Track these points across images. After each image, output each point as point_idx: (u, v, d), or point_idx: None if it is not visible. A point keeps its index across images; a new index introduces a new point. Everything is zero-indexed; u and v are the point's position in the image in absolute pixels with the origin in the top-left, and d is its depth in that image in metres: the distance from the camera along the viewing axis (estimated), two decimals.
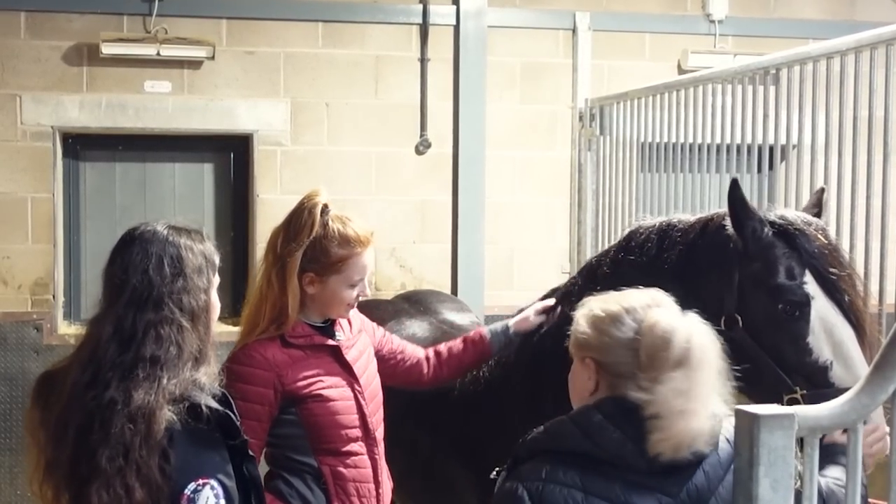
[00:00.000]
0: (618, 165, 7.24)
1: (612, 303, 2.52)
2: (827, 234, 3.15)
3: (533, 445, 2.46)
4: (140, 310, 2.51)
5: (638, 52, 8.01)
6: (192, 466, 2.42)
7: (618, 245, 3.61)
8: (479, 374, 4.01)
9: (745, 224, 3.13)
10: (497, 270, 7.74)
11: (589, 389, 2.50)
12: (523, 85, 7.78)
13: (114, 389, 2.42)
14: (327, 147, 7.42)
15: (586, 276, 3.73)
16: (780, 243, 3.11)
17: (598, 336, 2.48)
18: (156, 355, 2.46)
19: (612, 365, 2.45)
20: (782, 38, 7.97)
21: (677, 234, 3.38)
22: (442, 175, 7.63)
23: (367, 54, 7.47)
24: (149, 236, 2.61)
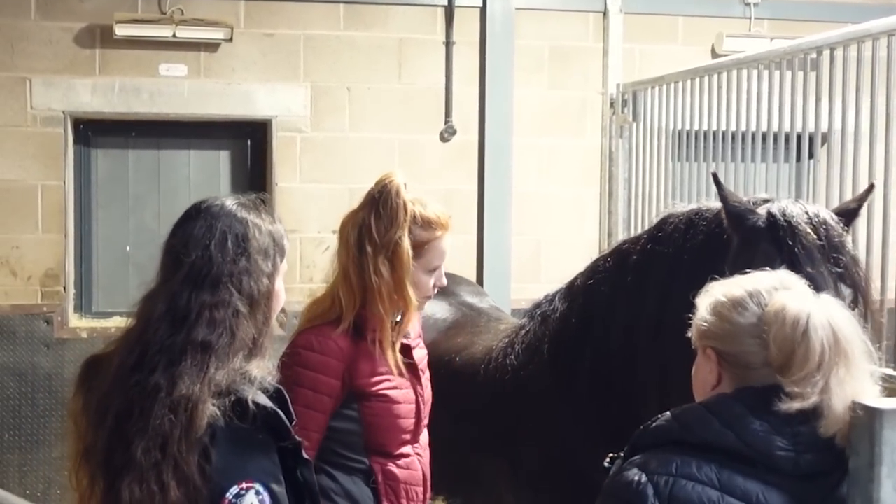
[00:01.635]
0: (651, 153, 6.97)
1: (735, 286, 2.30)
2: (828, 229, 2.97)
3: (658, 434, 2.23)
4: (196, 288, 2.34)
5: (670, 36, 7.78)
6: (234, 468, 2.25)
7: (649, 233, 3.51)
8: (506, 361, 3.89)
9: (735, 216, 3.04)
10: (524, 263, 7.51)
11: (711, 383, 2.28)
12: (552, 69, 7.55)
13: (159, 374, 2.26)
14: (349, 133, 7.21)
15: (616, 260, 3.62)
16: (768, 237, 2.99)
17: (719, 323, 2.26)
18: (207, 340, 2.29)
19: (737, 355, 2.23)
20: (819, 21, 7.72)
21: (702, 224, 3.27)
22: (467, 163, 7.41)
23: (390, 37, 7.25)
24: (216, 210, 2.44)
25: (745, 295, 2.24)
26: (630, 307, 3.46)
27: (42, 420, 6.85)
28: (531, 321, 3.93)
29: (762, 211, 3.06)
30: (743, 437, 2.12)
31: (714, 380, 2.26)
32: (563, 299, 3.83)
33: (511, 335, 3.98)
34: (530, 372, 3.76)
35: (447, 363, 4.20)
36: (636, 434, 2.30)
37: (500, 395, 3.86)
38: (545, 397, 3.67)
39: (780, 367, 2.15)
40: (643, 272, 3.43)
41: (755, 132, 5.74)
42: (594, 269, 3.74)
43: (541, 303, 3.98)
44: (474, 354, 4.13)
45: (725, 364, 2.24)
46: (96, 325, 6.97)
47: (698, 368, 2.34)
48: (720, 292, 2.29)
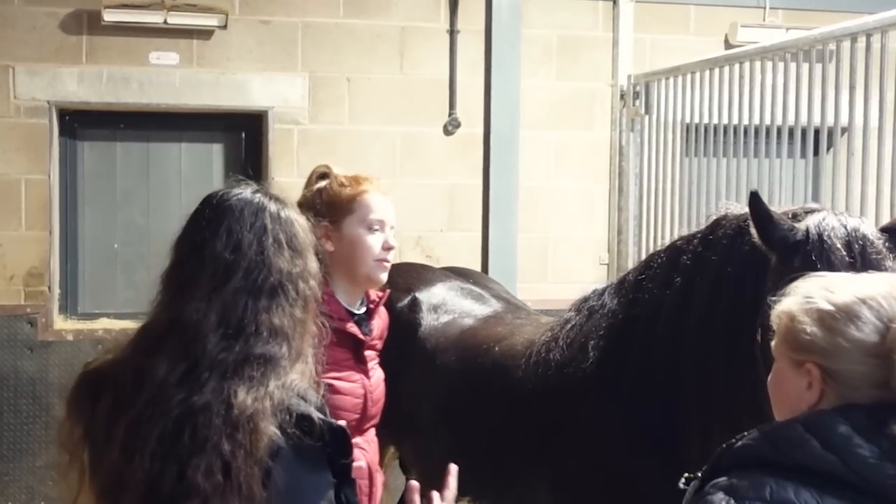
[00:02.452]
0: (664, 147, 6.70)
1: (842, 292, 1.99)
2: (866, 245, 2.76)
3: (745, 454, 1.96)
4: (253, 296, 2.17)
5: (682, 26, 7.52)
6: (297, 490, 2.10)
7: (702, 234, 3.28)
8: (549, 356, 3.67)
9: (769, 234, 2.84)
10: (530, 261, 7.23)
11: (808, 402, 1.98)
12: (560, 60, 7.27)
13: (211, 391, 2.08)
14: (348, 126, 6.93)
15: (669, 257, 3.40)
16: (799, 253, 2.79)
17: (828, 337, 1.95)
18: (269, 353, 2.14)
19: (847, 374, 1.94)
20: (835, 11, 7.52)
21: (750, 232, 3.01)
22: (472, 157, 7.12)
23: (391, 25, 6.97)
24: (257, 206, 2.26)
25: (859, 304, 1.94)
26: (677, 311, 3.26)
27: (25, 427, 6.53)
28: (578, 315, 3.70)
29: (801, 225, 2.85)
30: (849, 462, 1.84)
31: (813, 398, 1.97)
32: (612, 294, 3.60)
33: (555, 329, 3.75)
34: (574, 369, 3.54)
35: (486, 352, 4.00)
36: (718, 453, 2.03)
37: (542, 392, 3.65)
38: (589, 397, 3.48)
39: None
40: (691, 277, 3.23)
41: (770, 126, 5.53)
42: (648, 264, 3.52)
43: (589, 297, 3.75)
44: (514, 346, 3.92)
45: (832, 382, 1.95)
46: (83, 326, 6.70)
47: (786, 384, 2.04)
48: (824, 299, 1.98)
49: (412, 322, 4.38)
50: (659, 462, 3.25)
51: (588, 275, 7.27)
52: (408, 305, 4.45)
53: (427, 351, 4.26)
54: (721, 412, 3.13)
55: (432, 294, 4.50)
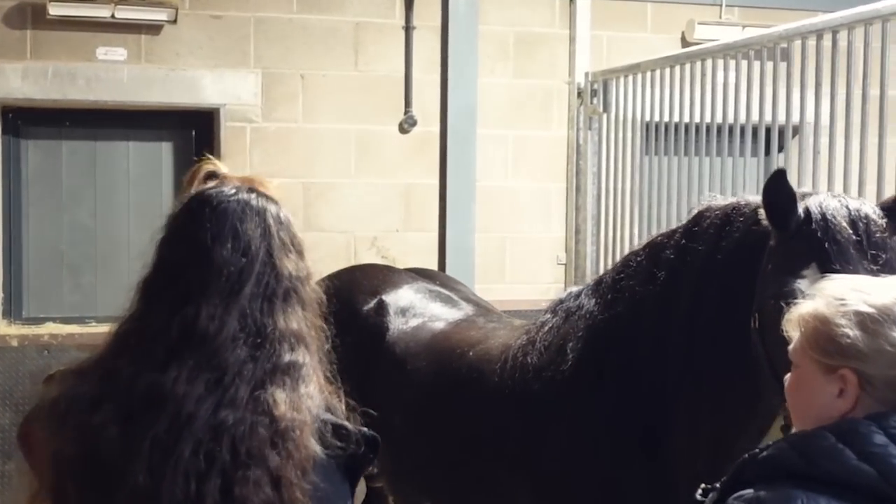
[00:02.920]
0: (622, 146, 6.62)
1: (878, 294, 1.89)
2: (869, 224, 2.74)
3: (773, 465, 1.86)
4: (270, 302, 2.08)
5: (639, 23, 7.51)
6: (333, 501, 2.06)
7: (684, 227, 3.26)
8: (526, 360, 3.58)
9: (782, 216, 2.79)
10: (488, 261, 7.14)
11: (841, 410, 1.88)
12: (517, 57, 7.22)
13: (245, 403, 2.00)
14: (302, 124, 6.81)
15: (649, 255, 3.36)
16: (802, 236, 2.78)
17: (871, 341, 1.86)
18: (295, 361, 2.06)
19: (890, 381, 1.85)
20: (790, 9, 7.57)
21: (739, 221, 3.04)
22: (428, 156, 7.00)
23: (346, 21, 6.87)
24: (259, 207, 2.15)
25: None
26: (661, 306, 3.21)
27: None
28: (554, 317, 3.62)
29: (801, 206, 2.81)
30: (886, 474, 1.75)
31: (847, 406, 1.88)
32: (590, 295, 3.52)
33: (531, 332, 3.66)
34: (553, 373, 3.46)
35: (460, 357, 3.88)
36: (740, 463, 1.94)
37: (520, 397, 3.56)
38: (570, 400, 3.40)
39: None
40: (676, 270, 3.18)
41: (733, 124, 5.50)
42: (625, 263, 3.46)
43: (564, 298, 3.67)
44: (490, 351, 3.81)
45: (869, 388, 1.85)
46: (28, 332, 6.51)
47: (814, 389, 1.94)
48: (858, 299, 1.89)
49: (379, 326, 4.25)
50: (645, 467, 3.19)
51: (546, 275, 7.21)
52: (374, 309, 4.32)
53: (397, 356, 4.13)
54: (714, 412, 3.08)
55: (399, 297, 4.36)
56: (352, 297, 4.40)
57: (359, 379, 4.22)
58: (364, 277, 4.57)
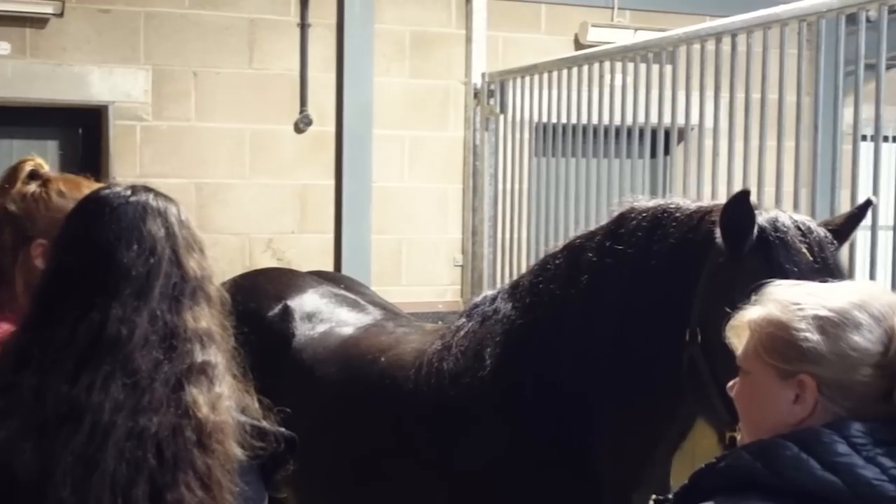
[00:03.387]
0: (519, 147, 6.63)
1: (834, 298, 1.86)
2: (823, 248, 2.74)
3: (734, 475, 1.80)
4: (178, 303, 2.04)
5: (534, 25, 7.51)
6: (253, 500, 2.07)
7: (606, 228, 3.20)
8: (442, 366, 3.48)
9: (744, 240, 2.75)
10: (384, 263, 7.08)
11: (798, 416, 1.83)
12: (413, 57, 7.13)
13: (165, 408, 1.95)
14: (195, 123, 6.62)
15: (568, 257, 3.29)
16: (758, 253, 2.74)
17: (832, 345, 1.81)
18: (209, 361, 2.02)
19: (849, 387, 1.80)
20: (680, 13, 7.69)
21: (672, 225, 2.99)
22: (324, 156, 6.91)
23: (240, 17, 6.69)
24: (159, 208, 2.11)
25: (859, 310, 1.83)
26: (584, 311, 3.14)
27: None
28: (469, 321, 3.52)
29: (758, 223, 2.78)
30: (850, 483, 1.71)
31: (804, 413, 1.83)
32: (506, 299, 3.43)
33: (446, 337, 3.56)
34: (471, 379, 3.37)
35: (371, 363, 3.76)
36: (696, 473, 1.88)
37: (436, 405, 3.46)
38: (488, 409, 3.31)
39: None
40: (600, 273, 3.12)
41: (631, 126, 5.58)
42: (543, 266, 3.38)
43: (479, 303, 3.58)
44: (402, 357, 3.69)
45: (828, 393, 1.82)
46: None
47: (767, 395, 1.89)
48: (815, 303, 1.85)
49: (285, 332, 4.12)
50: (568, 471, 3.15)
51: (443, 277, 7.18)
52: (279, 314, 4.19)
53: (304, 363, 4.01)
54: (642, 422, 3.06)
55: (305, 301, 4.24)
56: (255, 302, 4.26)
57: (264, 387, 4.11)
58: (267, 282, 4.44)
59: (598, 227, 3.29)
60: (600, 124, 5.76)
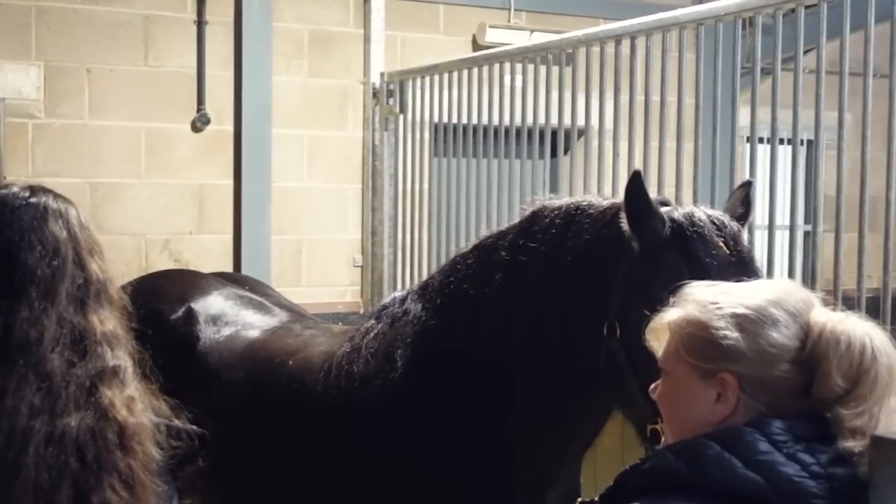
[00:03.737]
0: (419, 147, 6.62)
1: (751, 296, 1.88)
2: (738, 241, 2.78)
3: (657, 475, 1.81)
4: (85, 306, 2.02)
5: (432, 25, 7.51)
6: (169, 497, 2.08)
7: (518, 227, 3.19)
8: (352, 368, 3.44)
9: (644, 223, 2.78)
10: (284, 264, 7.00)
11: (721, 414, 1.85)
12: (312, 56, 7.07)
13: (83, 411, 1.93)
14: (89, 121, 6.44)
15: (479, 256, 3.27)
16: (674, 248, 2.75)
17: (751, 342, 1.82)
18: (119, 364, 2.01)
19: (768, 383, 1.82)
20: (575, 16, 7.77)
21: (586, 222, 3.00)
22: (222, 156, 6.79)
23: (135, 13, 6.53)
24: (59, 210, 2.08)
25: (776, 307, 1.85)
26: (498, 309, 3.13)
27: None
28: (379, 322, 3.49)
29: (665, 216, 2.80)
30: (773, 481, 1.73)
31: (727, 411, 1.85)
32: (416, 300, 3.40)
33: (355, 339, 3.51)
34: (382, 381, 3.33)
35: (279, 366, 3.69)
36: (621, 475, 1.89)
37: (347, 406, 3.41)
38: (400, 410, 3.28)
39: (837, 398, 1.79)
40: (514, 271, 3.11)
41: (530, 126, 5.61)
42: (453, 267, 3.35)
43: (388, 304, 3.55)
44: (311, 359, 3.63)
45: (750, 391, 1.84)
46: None
47: (689, 394, 1.90)
48: (732, 301, 1.88)
49: (189, 336, 4.03)
50: (484, 477, 3.14)
51: (343, 277, 7.14)
52: (183, 317, 4.09)
53: (210, 367, 3.92)
54: (558, 420, 3.07)
55: (209, 304, 4.14)
56: (158, 305, 4.15)
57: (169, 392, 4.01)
58: (169, 284, 4.34)
59: (509, 226, 3.28)
60: (500, 125, 5.78)
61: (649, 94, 4.78)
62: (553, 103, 5.40)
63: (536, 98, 5.52)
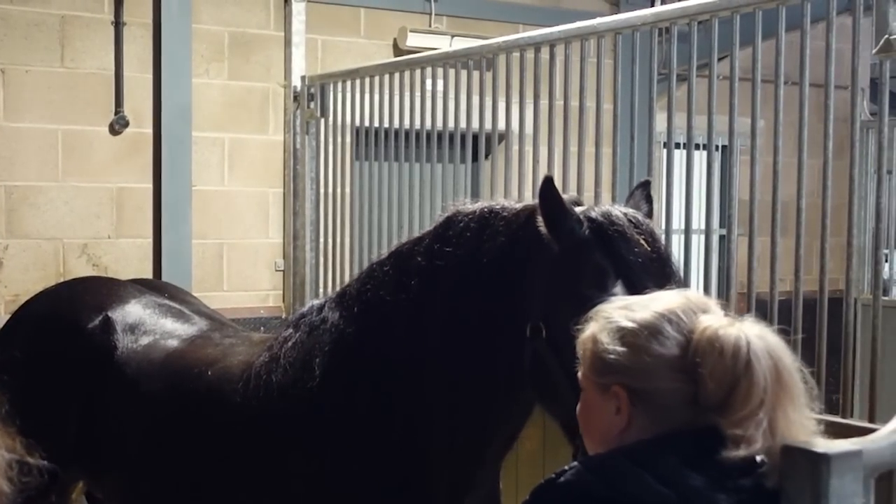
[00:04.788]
0: (340, 151, 6.60)
1: (640, 309, 1.92)
2: (655, 238, 2.83)
3: (571, 490, 1.83)
4: None
5: (353, 28, 7.48)
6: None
7: (433, 232, 3.21)
8: (271, 378, 3.42)
9: (560, 223, 2.81)
10: (205, 269, 6.92)
11: (618, 426, 1.90)
12: (232, 58, 7.00)
13: None
14: (3, 122, 6.29)
15: (395, 263, 3.29)
16: (596, 247, 2.78)
17: (631, 355, 1.88)
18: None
19: (655, 393, 1.87)
20: (495, 21, 7.88)
21: (500, 224, 3.02)
22: (141, 159, 6.69)
23: (51, 13, 6.40)
24: None
25: (660, 319, 1.89)
26: (414, 315, 3.15)
27: None
28: (297, 331, 3.46)
29: (581, 216, 2.83)
30: (683, 493, 1.77)
31: (622, 423, 1.90)
32: (333, 308, 3.39)
33: (273, 348, 3.49)
34: (300, 391, 3.31)
35: (197, 376, 3.65)
36: (538, 489, 1.90)
37: (265, 419, 3.39)
38: (318, 420, 3.27)
39: (717, 405, 1.82)
40: (430, 276, 3.12)
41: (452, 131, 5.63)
42: (370, 274, 3.36)
43: (306, 312, 3.52)
44: (230, 369, 3.60)
45: (639, 404, 1.88)
46: None
47: (595, 409, 1.96)
48: (623, 317, 1.92)
49: (106, 345, 3.97)
50: (402, 482, 3.15)
51: (264, 282, 7.10)
52: (100, 326, 4.02)
53: (127, 377, 3.87)
54: (473, 429, 3.09)
55: (127, 313, 4.09)
56: (74, 313, 4.10)
57: (84, 403, 3.96)
58: (86, 292, 4.28)
59: (425, 232, 3.30)
60: (422, 128, 5.79)
61: (568, 99, 4.83)
62: (474, 108, 5.42)
63: (458, 102, 5.54)
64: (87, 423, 3.94)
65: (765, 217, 4.08)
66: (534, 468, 4.30)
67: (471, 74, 5.45)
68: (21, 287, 6.02)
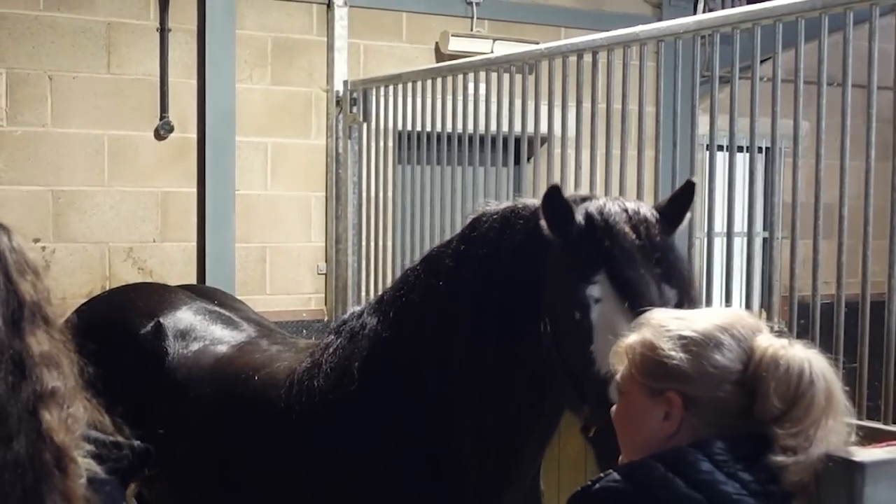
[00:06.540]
0: (382, 155, 6.65)
1: (700, 321, 1.98)
2: (649, 227, 2.86)
3: (607, 497, 1.89)
4: (18, 327, 1.94)
5: (395, 33, 7.53)
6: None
7: (461, 234, 3.29)
8: (313, 384, 3.50)
9: (557, 219, 2.88)
10: (249, 272, 7.00)
11: (666, 432, 1.95)
12: (275, 63, 7.07)
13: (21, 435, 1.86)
14: (51, 129, 6.39)
15: (426, 267, 3.37)
16: (587, 240, 2.85)
17: (695, 364, 1.93)
18: (56, 387, 1.94)
19: (710, 402, 1.93)
20: (537, 24, 7.88)
21: (519, 223, 3.09)
22: (186, 163, 6.77)
23: (97, 20, 6.49)
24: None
25: (722, 332, 1.96)
26: (444, 316, 3.21)
27: None
28: (338, 338, 3.54)
29: (581, 210, 2.89)
30: (714, 499, 1.83)
31: (672, 428, 1.95)
32: (372, 314, 3.47)
33: (315, 354, 3.56)
34: (340, 395, 3.38)
35: (245, 382, 3.73)
36: (574, 496, 1.96)
37: (308, 421, 3.46)
38: (357, 424, 3.34)
39: (773, 419, 1.89)
40: (457, 277, 3.19)
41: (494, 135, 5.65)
42: (404, 279, 3.44)
43: (348, 319, 3.61)
44: (275, 375, 3.68)
45: (695, 410, 1.93)
46: None
47: (639, 412, 2.00)
48: (681, 325, 1.98)
49: (158, 351, 4.05)
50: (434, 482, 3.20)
51: (307, 285, 7.15)
52: (152, 332, 4.10)
53: (178, 382, 3.95)
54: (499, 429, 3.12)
55: (178, 319, 4.16)
56: (127, 319, 4.19)
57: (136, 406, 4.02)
58: (139, 298, 4.36)
59: (454, 235, 3.38)
60: (464, 132, 5.82)
61: (611, 103, 4.85)
62: (516, 111, 5.44)
63: (500, 106, 5.56)
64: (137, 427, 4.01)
65: (807, 220, 4.07)
66: (576, 472, 4.31)
67: (513, 79, 5.47)
68: (68, 290, 6.11)
